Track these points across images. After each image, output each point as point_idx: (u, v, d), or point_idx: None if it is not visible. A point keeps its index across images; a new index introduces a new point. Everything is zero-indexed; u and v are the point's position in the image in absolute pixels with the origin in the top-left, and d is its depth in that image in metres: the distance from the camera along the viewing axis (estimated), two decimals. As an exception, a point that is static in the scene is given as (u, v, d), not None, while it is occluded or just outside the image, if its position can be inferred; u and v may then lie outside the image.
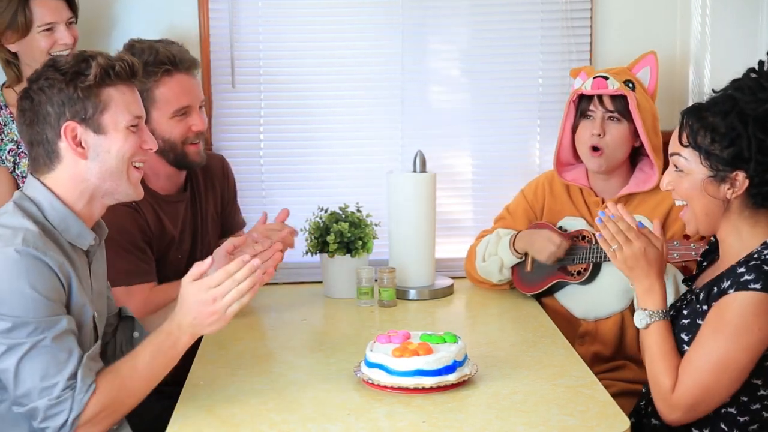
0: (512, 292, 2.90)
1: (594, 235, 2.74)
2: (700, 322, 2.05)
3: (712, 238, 2.26)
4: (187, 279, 1.99)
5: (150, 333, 2.03)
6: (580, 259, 2.74)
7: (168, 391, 2.12)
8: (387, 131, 3.29)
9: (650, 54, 2.80)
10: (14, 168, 2.73)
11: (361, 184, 3.25)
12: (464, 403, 2.03)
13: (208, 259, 2.00)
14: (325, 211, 2.94)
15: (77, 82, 1.96)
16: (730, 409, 2.04)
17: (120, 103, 2.00)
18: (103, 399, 1.90)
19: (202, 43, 3.17)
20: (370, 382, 2.09)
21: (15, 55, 2.71)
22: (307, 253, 2.94)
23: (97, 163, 2.00)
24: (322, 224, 2.90)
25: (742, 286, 1.96)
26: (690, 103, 2.60)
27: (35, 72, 2.03)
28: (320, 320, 2.78)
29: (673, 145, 2.09)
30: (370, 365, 2.12)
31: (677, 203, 2.14)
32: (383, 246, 2.99)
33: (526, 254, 2.83)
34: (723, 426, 2.05)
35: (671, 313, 2.16)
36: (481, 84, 3.28)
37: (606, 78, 2.70)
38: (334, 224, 2.87)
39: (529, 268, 2.84)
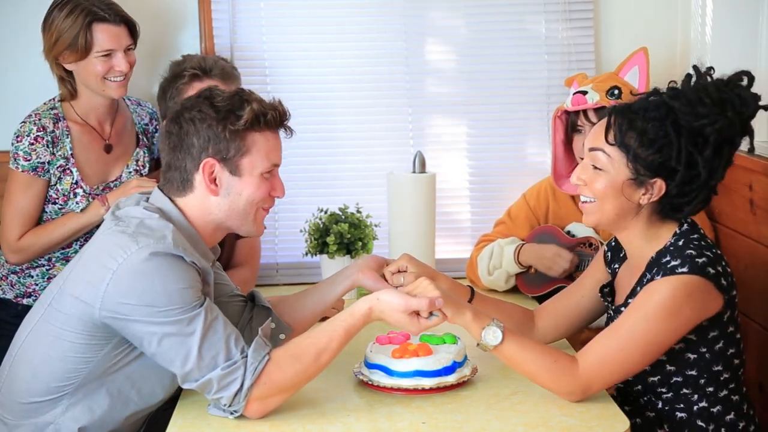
0: (513, 293, 2.89)
1: (600, 242, 2.73)
2: None
3: (604, 245, 2.28)
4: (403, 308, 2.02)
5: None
6: (584, 266, 2.71)
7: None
8: (397, 132, 3.28)
9: (639, 52, 2.77)
10: (56, 183, 2.71)
11: (369, 184, 3.25)
12: (464, 403, 2.03)
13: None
14: (325, 212, 2.94)
15: (227, 122, 1.98)
16: (702, 404, 2.04)
17: (262, 150, 2.02)
18: (278, 374, 1.92)
19: (206, 45, 3.17)
20: (370, 383, 2.10)
21: (70, 72, 2.70)
22: (307, 254, 2.94)
23: (226, 201, 2.03)
24: (321, 225, 2.90)
25: (670, 272, 1.95)
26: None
27: (190, 98, 2.05)
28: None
29: (596, 141, 2.04)
30: (370, 366, 2.12)
31: (583, 198, 2.08)
32: (383, 246, 2.99)
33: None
34: (700, 423, 2.04)
35: None
36: (485, 84, 3.27)
37: (585, 93, 2.68)
38: (334, 225, 2.87)
39: (533, 270, 2.82)
